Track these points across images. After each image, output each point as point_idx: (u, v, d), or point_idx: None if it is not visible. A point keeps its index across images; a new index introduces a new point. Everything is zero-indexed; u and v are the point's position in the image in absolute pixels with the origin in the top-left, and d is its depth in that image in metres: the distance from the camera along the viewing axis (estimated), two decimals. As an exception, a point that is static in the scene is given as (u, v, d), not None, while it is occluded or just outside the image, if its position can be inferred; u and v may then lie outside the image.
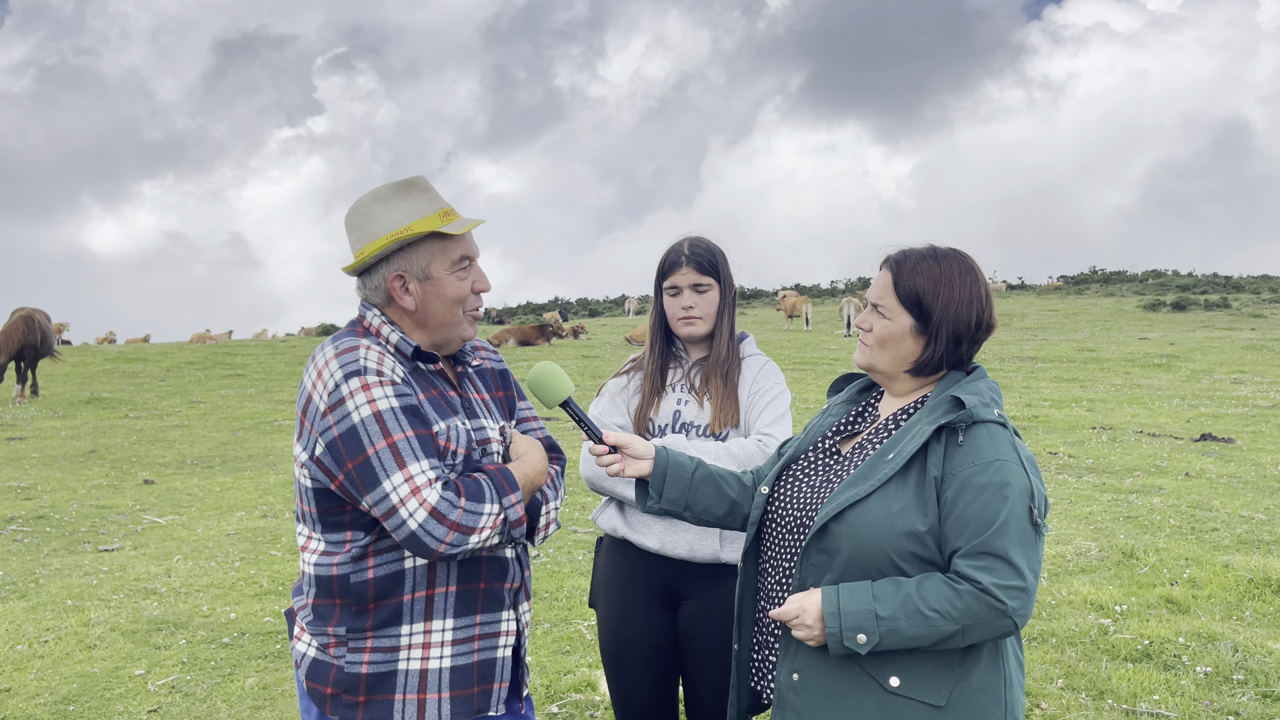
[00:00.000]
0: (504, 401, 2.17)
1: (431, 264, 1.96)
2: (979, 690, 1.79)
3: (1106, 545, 6.01)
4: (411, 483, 1.79)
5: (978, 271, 1.94)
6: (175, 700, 4.12)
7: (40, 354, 14.67)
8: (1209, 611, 4.88)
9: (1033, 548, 1.75)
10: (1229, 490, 7.54)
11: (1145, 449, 9.39)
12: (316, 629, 1.95)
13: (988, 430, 1.81)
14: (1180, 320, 27.70)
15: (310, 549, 1.96)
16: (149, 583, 5.71)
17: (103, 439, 11.33)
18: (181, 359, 20.84)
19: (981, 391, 1.87)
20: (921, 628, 1.73)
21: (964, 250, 1.96)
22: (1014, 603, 1.72)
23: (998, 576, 1.72)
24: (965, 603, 1.72)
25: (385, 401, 1.84)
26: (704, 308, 2.66)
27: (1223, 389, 13.75)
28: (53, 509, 7.65)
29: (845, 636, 1.76)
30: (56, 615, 5.15)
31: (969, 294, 1.90)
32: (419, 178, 2.00)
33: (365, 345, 1.91)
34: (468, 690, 1.95)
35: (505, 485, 1.89)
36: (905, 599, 1.75)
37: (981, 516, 1.74)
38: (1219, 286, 39.61)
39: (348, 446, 1.82)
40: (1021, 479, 1.77)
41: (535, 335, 25.74)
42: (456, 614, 1.94)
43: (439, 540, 1.79)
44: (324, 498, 1.91)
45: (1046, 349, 19.48)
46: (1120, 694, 3.96)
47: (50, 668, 4.46)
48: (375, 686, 1.90)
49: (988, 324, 1.92)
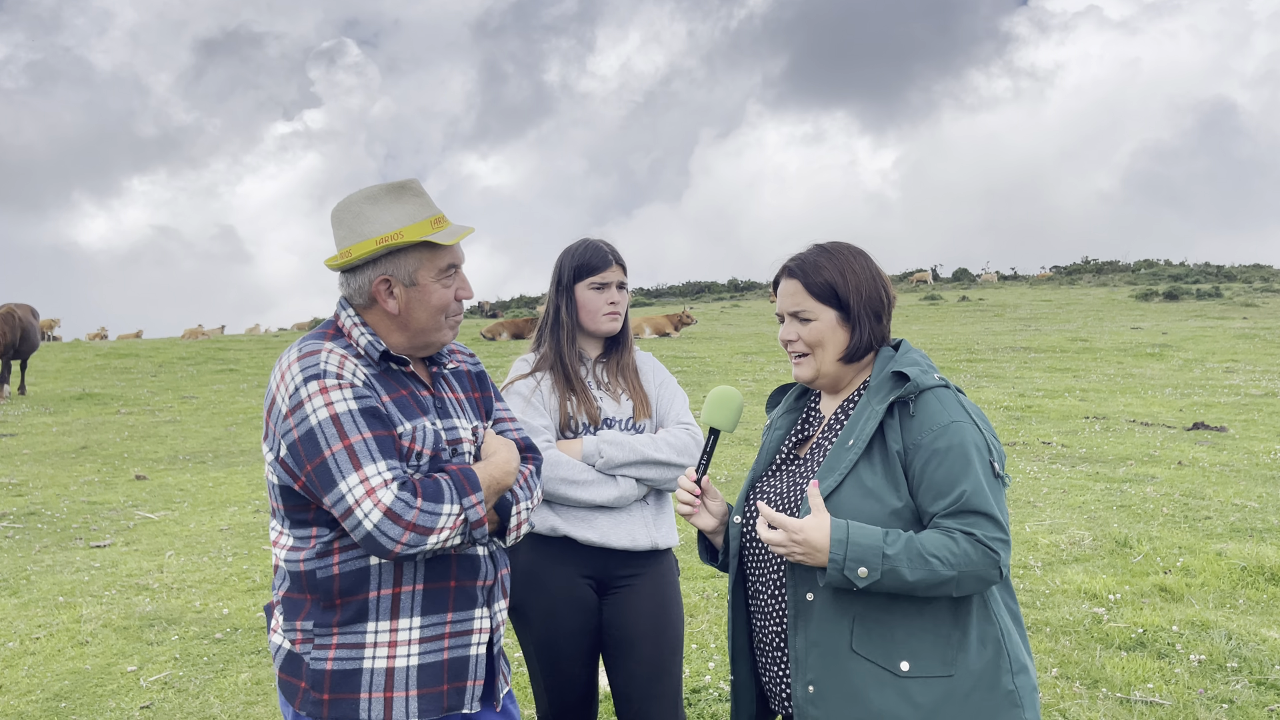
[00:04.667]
0: (480, 402, 2.18)
1: (419, 271, 1.97)
2: (978, 647, 1.86)
3: (1100, 534, 6.02)
4: (367, 484, 1.81)
5: (866, 254, 2.05)
6: (168, 696, 4.10)
7: (22, 351, 14.38)
8: (1202, 600, 4.89)
9: (1000, 499, 1.85)
10: (1222, 479, 7.55)
11: (1138, 438, 9.41)
12: (288, 624, 1.96)
13: (935, 395, 1.90)
14: (1173, 310, 27.77)
15: (281, 544, 1.99)
16: (141, 579, 5.69)
17: (94, 435, 11.29)
18: (174, 354, 20.77)
19: (918, 361, 1.96)
20: (922, 571, 1.78)
21: (847, 241, 2.08)
22: (1002, 551, 1.82)
23: (986, 530, 1.81)
24: (962, 549, 1.80)
25: (343, 404, 1.86)
26: (623, 305, 2.77)
27: (1215, 378, 13.78)
28: (44, 505, 7.62)
29: (848, 566, 1.79)
30: (48, 612, 5.13)
31: (869, 273, 2.02)
32: (412, 181, 2.01)
33: (328, 349, 1.93)
34: (436, 688, 1.95)
35: (466, 485, 1.90)
36: (909, 542, 1.81)
37: (950, 479, 1.83)
38: (1211, 276, 39.72)
39: (306, 448, 1.85)
40: (976, 436, 1.87)
41: (528, 328, 25.71)
42: (424, 612, 1.94)
43: (394, 541, 1.80)
44: (290, 496, 1.93)
45: (1039, 339, 19.51)
46: (1114, 682, 3.96)
47: (42, 664, 4.44)
48: (340, 684, 1.91)
49: (892, 297, 2.05)
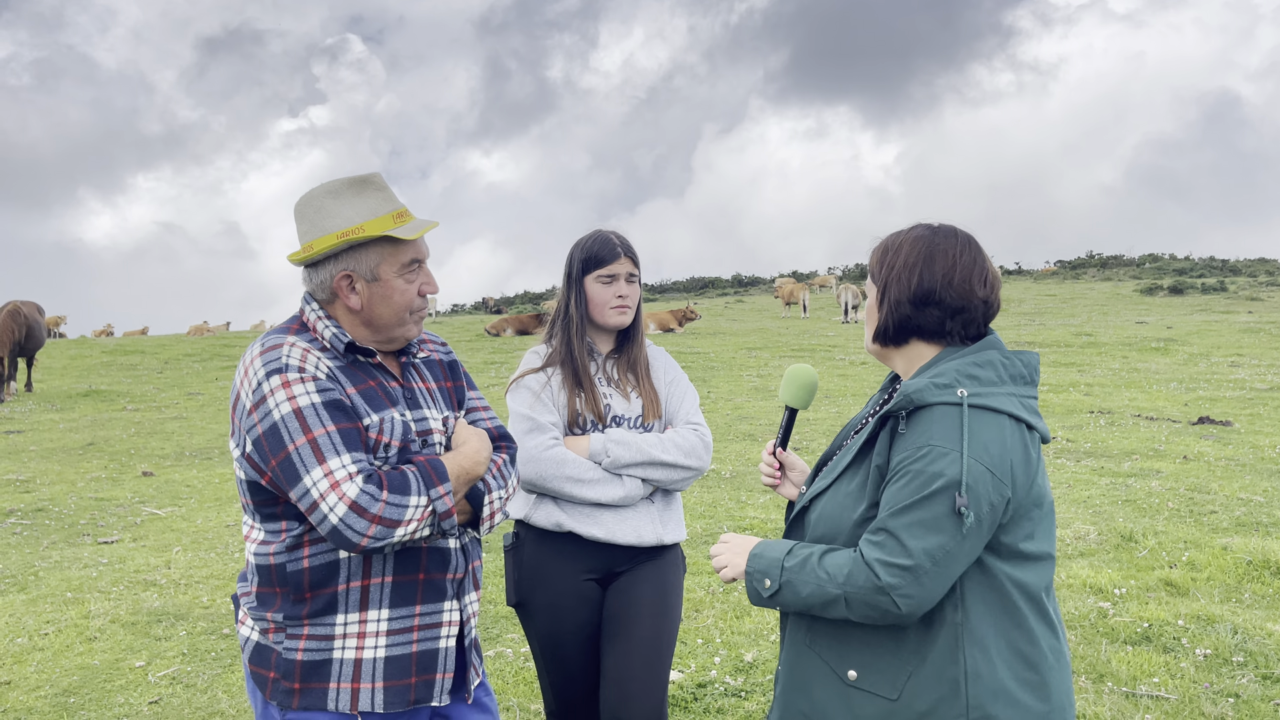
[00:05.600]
0: (453, 392, 2.17)
1: (380, 265, 1.96)
2: (931, 684, 1.73)
3: (1105, 529, 6.02)
4: (331, 477, 1.81)
5: (938, 244, 1.86)
6: (176, 691, 4.12)
7: (27, 349, 14.36)
8: (1208, 594, 4.89)
9: (938, 534, 1.67)
10: (1227, 473, 7.55)
11: (1143, 433, 9.40)
12: (258, 614, 1.99)
13: (935, 414, 1.73)
14: (1177, 304, 27.71)
15: (252, 538, 2.00)
16: (149, 574, 5.71)
17: (101, 431, 11.32)
18: (179, 351, 20.82)
19: (944, 371, 1.78)
20: (812, 586, 1.77)
21: (953, 226, 1.90)
22: (892, 579, 1.67)
23: (882, 552, 1.69)
24: (848, 570, 1.73)
25: (306, 398, 1.86)
26: (633, 298, 2.70)
27: (1220, 372, 13.76)
28: (51, 502, 7.65)
29: (755, 578, 1.84)
30: (56, 608, 5.15)
31: (914, 260, 1.85)
32: (375, 175, 2.00)
33: (290, 343, 1.93)
34: (404, 680, 1.96)
35: (434, 476, 1.89)
36: (807, 558, 1.79)
37: (894, 498, 1.72)
38: (1216, 270, 39.62)
39: (271, 443, 1.85)
40: (948, 466, 1.68)
41: (533, 324, 25.73)
42: (393, 605, 1.95)
43: (361, 534, 1.80)
44: (258, 490, 1.94)
45: (1044, 334, 19.48)
46: (1120, 677, 3.97)
47: (51, 660, 4.46)
48: (310, 674, 1.93)
49: (964, 292, 1.84)
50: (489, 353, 19.74)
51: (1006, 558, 1.76)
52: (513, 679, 4.10)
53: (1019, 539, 1.76)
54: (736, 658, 4.21)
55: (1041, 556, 1.80)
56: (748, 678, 4.02)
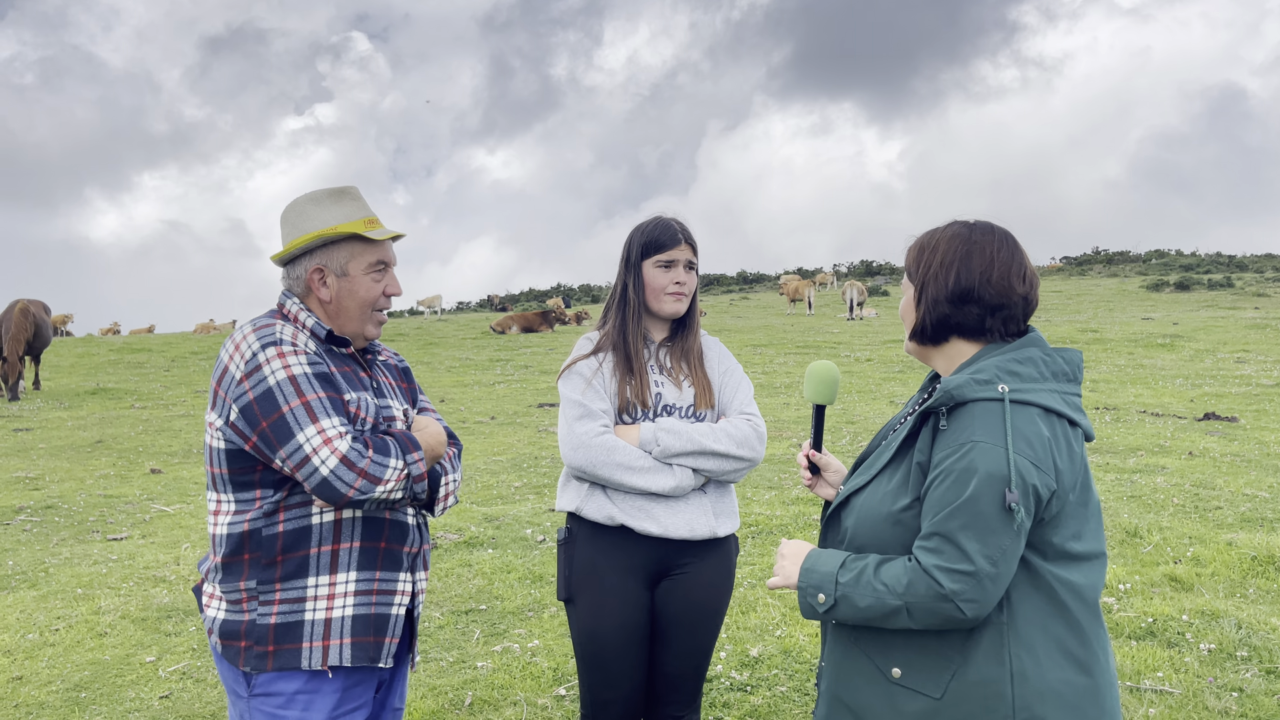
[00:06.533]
0: (407, 391, 2.38)
1: (350, 262, 2.17)
2: (975, 684, 1.72)
3: (1110, 524, 6.03)
4: (324, 434, 1.97)
5: (975, 241, 1.84)
6: (186, 686, 4.16)
7: (34, 347, 14.43)
8: (1212, 589, 4.91)
9: (993, 534, 1.66)
10: (1232, 469, 7.55)
11: (1149, 429, 9.40)
12: (229, 586, 2.09)
13: (977, 409, 1.72)
14: (1184, 300, 27.66)
15: (222, 512, 2.10)
16: (158, 571, 5.75)
17: (109, 429, 11.38)
18: (186, 349, 20.88)
19: (985, 368, 1.77)
20: (870, 599, 1.74)
21: (990, 223, 1.88)
22: (955, 585, 1.66)
23: (941, 558, 1.68)
24: (907, 580, 1.71)
25: (299, 367, 2.03)
26: (690, 286, 2.66)
27: (1226, 368, 13.74)
28: (61, 499, 7.69)
29: (809, 593, 1.82)
30: (67, 604, 5.19)
31: (951, 258, 1.83)
32: (351, 187, 2.22)
33: (280, 323, 2.11)
34: (366, 639, 2.12)
35: (410, 445, 2.09)
36: (862, 570, 1.77)
37: (942, 500, 1.69)
38: (1222, 266, 39.51)
39: (263, 407, 1.99)
40: (993, 463, 1.66)
41: (538, 322, 25.76)
42: (359, 568, 2.12)
43: (348, 485, 1.96)
44: (236, 459, 2.06)
45: (1049, 330, 19.45)
46: (1124, 672, 3.98)
47: (62, 655, 4.50)
48: (284, 636, 2.06)
49: (1003, 289, 1.82)
50: (494, 350, 19.78)
51: (1053, 558, 1.74)
52: (520, 673, 4.12)
53: (1066, 538, 1.73)
54: (742, 653, 4.24)
55: (1091, 556, 1.77)
56: (753, 672, 4.05)
